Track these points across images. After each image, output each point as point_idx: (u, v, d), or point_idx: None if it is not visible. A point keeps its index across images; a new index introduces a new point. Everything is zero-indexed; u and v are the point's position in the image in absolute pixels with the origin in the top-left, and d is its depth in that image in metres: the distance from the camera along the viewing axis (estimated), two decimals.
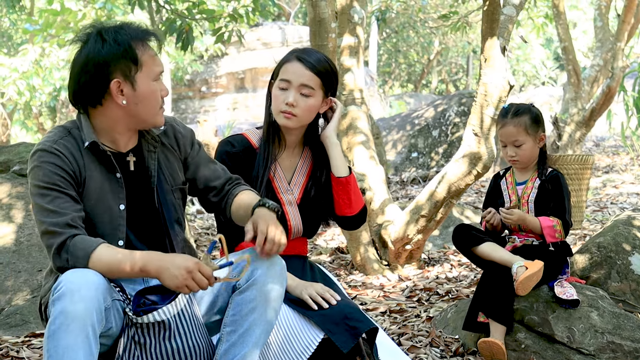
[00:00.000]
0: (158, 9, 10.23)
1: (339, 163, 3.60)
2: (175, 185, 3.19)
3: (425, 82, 35.50)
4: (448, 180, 5.97)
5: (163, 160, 3.17)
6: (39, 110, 23.30)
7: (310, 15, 5.99)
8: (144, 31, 3.01)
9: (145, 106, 2.99)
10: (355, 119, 6.77)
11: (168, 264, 2.73)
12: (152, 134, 3.14)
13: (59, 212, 2.83)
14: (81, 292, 2.62)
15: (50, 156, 2.90)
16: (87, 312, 2.62)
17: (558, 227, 4.32)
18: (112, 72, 2.92)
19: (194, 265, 2.72)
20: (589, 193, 10.22)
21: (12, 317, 4.88)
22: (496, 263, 4.23)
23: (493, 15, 5.53)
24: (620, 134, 11.60)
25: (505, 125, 4.38)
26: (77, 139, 2.99)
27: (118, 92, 2.94)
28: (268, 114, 3.61)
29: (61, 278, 2.70)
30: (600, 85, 12.04)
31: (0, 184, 5.57)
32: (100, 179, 2.99)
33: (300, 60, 3.50)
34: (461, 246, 4.42)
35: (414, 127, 13.61)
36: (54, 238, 2.81)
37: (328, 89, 3.55)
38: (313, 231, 3.73)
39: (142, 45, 2.97)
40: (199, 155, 3.29)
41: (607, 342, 4.11)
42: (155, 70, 3.00)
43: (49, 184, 2.87)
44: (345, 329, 3.15)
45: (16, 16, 22.17)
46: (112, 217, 3.00)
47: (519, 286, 4.08)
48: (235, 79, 24.30)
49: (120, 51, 2.91)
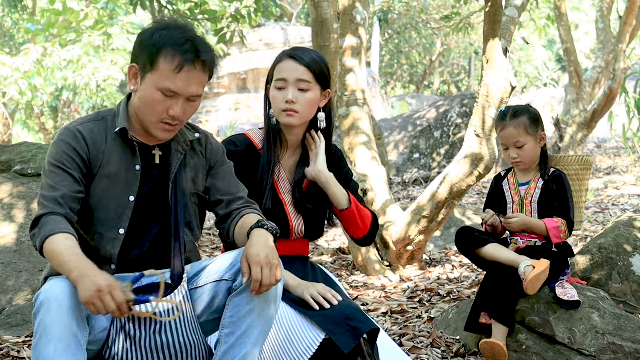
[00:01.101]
0: (160, 9, 10.23)
1: (338, 196, 3.58)
2: (194, 189, 3.18)
3: (427, 83, 35.50)
4: (449, 181, 5.97)
5: (189, 162, 3.17)
6: (41, 110, 23.29)
7: (313, 16, 5.99)
8: (192, 51, 2.94)
9: (142, 106, 2.99)
10: (357, 120, 6.78)
11: (88, 276, 2.62)
12: (186, 137, 3.16)
13: (54, 187, 2.89)
14: (58, 301, 2.63)
15: (69, 135, 2.98)
16: (65, 322, 2.62)
17: (563, 227, 4.32)
18: (137, 56, 2.98)
19: (107, 287, 2.59)
20: (589, 194, 10.24)
21: (12, 316, 4.88)
22: (499, 264, 4.23)
23: (495, 16, 5.54)
24: (622, 136, 11.59)
25: (505, 127, 4.38)
26: (108, 125, 3.05)
27: (133, 75, 3.00)
28: (267, 117, 3.61)
29: (41, 289, 2.72)
30: (602, 86, 12.05)
31: (2, 184, 5.58)
32: (118, 167, 3.02)
33: (292, 57, 3.51)
34: (464, 248, 4.42)
35: (416, 127, 13.62)
36: (39, 209, 2.87)
37: (323, 81, 3.55)
38: (315, 233, 3.72)
39: (174, 56, 2.91)
40: (222, 168, 3.25)
41: (607, 343, 4.11)
42: (166, 84, 2.93)
43: (56, 161, 2.94)
44: (347, 329, 3.15)
45: (18, 16, 22.17)
46: (118, 206, 3.01)
47: (528, 285, 4.08)
48: (237, 79, 24.30)
49: (150, 44, 2.94)
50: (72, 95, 18.85)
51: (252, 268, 2.82)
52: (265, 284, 2.83)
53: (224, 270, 3.01)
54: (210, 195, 3.24)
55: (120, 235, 3.01)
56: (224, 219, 3.24)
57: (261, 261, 2.82)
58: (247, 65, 23.86)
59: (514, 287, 4.18)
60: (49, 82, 16.84)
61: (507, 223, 4.37)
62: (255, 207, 3.25)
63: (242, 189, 3.28)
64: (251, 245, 2.87)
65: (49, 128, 24.06)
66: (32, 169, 5.69)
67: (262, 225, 2.97)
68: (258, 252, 2.84)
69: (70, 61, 16.64)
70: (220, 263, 3.04)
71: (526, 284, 4.08)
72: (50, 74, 16.77)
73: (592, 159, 4.83)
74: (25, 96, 17.00)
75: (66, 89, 17.37)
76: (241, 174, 3.47)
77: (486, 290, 4.28)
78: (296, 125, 3.56)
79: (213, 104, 24.47)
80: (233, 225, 3.18)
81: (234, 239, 3.19)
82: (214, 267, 3.05)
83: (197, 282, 3.09)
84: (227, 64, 24.32)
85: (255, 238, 2.91)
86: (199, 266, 3.13)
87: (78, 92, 18.86)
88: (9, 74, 16.40)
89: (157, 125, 3.01)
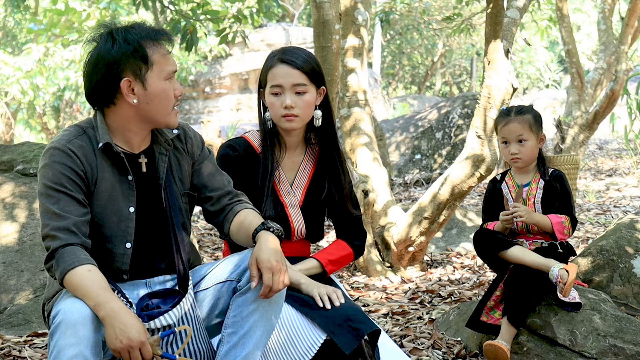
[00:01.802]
0: (162, 9, 10.25)
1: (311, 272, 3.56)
2: (184, 189, 3.19)
3: (429, 84, 35.48)
4: (451, 182, 5.97)
5: (174, 163, 3.16)
6: (43, 110, 23.30)
7: (314, 17, 5.99)
8: (155, 30, 3.01)
9: (157, 105, 2.98)
10: (358, 121, 6.78)
11: (118, 321, 2.64)
12: (166, 137, 3.14)
13: (61, 216, 2.83)
14: (75, 327, 2.63)
15: (63, 155, 2.91)
16: (79, 349, 2.61)
17: (566, 224, 4.31)
18: (123, 70, 2.92)
19: (138, 342, 2.63)
20: (590, 196, 10.24)
21: (14, 316, 4.89)
22: (522, 266, 4.21)
23: (497, 17, 5.54)
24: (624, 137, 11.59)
25: (509, 122, 4.37)
26: (91, 139, 2.99)
27: (129, 91, 2.94)
28: (263, 122, 3.61)
29: (60, 306, 2.71)
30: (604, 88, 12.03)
31: (4, 184, 5.58)
32: (111, 181, 3.00)
33: (284, 62, 3.50)
34: (485, 250, 4.37)
35: (418, 129, 13.61)
36: (51, 241, 2.81)
37: (317, 80, 3.55)
38: (317, 234, 3.73)
39: (153, 44, 2.97)
40: (206, 162, 3.25)
41: (609, 346, 4.10)
42: (167, 69, 2.99)
43: (56, 184, 2.87)
44: (348, 330, 3.15)
45: (20, 16, 22.18)
46: (120, 219, 3.00)
47: (567, 289, 4.07)
48: (239, 80, 24.30)
49: (130, 50, 2.92)
50: (74, 95, 18.85)
51: (264, 274, 2.85)
52: (275, 290, 2.87)
53: (229, 272, 3.02)
54: (198, 193, 3.25)
55: (127, 250, 3.01)
56: (215, 215, 3.25)
57: (273, 267, 2.85)
58: (249, 66, 23.86)
59: (538, 291, 4.18)
60: (51, 82, 16.85)
61: (515, 212, 4.32)
62: (246, 200, 3.27)
63: (227, 180, 3.28)
64: (261, 250, 2.89)
65: (51, 128, 24.08)
66: (34, 169, 5.69)
67: (268, 228, 2.99)
68: (269, 258, 2.86)
69: (72, 61, 16.65)
70: (225, 266, 3.05)
71: (566, 288, 4.06)
72: (52, 74, 16.78)
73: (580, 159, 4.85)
74: (27, 96, 17.02)
75: (68, 89, 17.38)
76: (241, 178, 3.48)
77: (509, 293, 4.23)
78: (297, 129, 3.57)
79: (215, 105, 24.48)
80: (228, 222, 3.19)
81: (229, 235, 3.21)
82: (219, 270, 3.06)
83: (201, 285, 3.10)
84: (229, 65, 24.33)
85: (264, 242, 2.92)
86: (202, 270, 3.14)
87: (80, 92, 18.87)
88: (11, 73, 16.41)
89: (171, 113, 3.05)
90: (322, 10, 5.87)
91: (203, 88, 24.62)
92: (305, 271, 3.52)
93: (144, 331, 2.67)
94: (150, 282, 3.10)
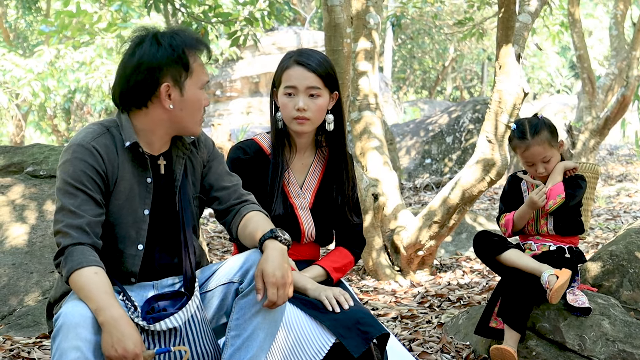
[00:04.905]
0: (174, 12, 10.24)
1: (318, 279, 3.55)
2: (195, 192, 3.19)
3: (440, 89, 35.49)
4: (461, 187, 5.97)
5: (189, 167, 3.17)
6: (54, 112, 23.39)
7: (326, 20, 5.99)
8: (197, 40, 3.03)
9: (189, 113, 3.00)
10: (369, 124, 6.78)
11: (116, 329, 2.64)
12: (184, 141, 3.14)
13: (77, 214, 2.83)
14: (77, 330, 2.64)
15: (86, 153, 2.90)
16: (81, 352, 2.62)
17: (559, 199, 4.28)
18: (164, 75, 2.93)
19: (132, 354, 2.63)
20: (600, 201, 10.22)
21: (23, 318, 4.89)
22: (518, 270, 4.22)
23: (508, 22, 5.54)
24: (635, 143, 11.58)
25: (529, 147, 4.35)
26: (115, 138, 2.99)
27: (166, 96, 2.95)
28: (274, 122, 3.61)
29: (62, 309, 2.72)
30: (615, 93, 12.03)
31: (14, 185, 5.59)
32: (130, 182, 3.00)
33: (300, 64, 3.50)
34: (483, 253, 4.40)
35: (428, 133, 13.62)
36: (63, 238, 2.82)
37: (332, 85, 3.54)
38: (326, 238, 3.73)
39: (194, 53, 2.99)
40: (214, 163, 3.26)
41: (618, 351, 4.10)
42: (203, 79, 3.02)
43: (76, 181, 2.87)
44: (357, 333, 3.15)
45: (32, 17, 22.27)
46: (135, 221, 3.01)
47: (553, 295, 4.06)
48: (249, 83, 24.34)
49: (175, 56, 2.93)
50: (84, 98, 18.91)
51: (268, 289, 2.85)
52: (279, 304, 2.88)
53: (232, 273, 3.02)
54: (206, 193, 3.25)
55: (139, 252, 3.01)
56: (223, 215, 3.26)
57: (277, 282, 2.85)
58: (260, 69, 23.90)
59: (532, 294, 4.18)
60: (62, 84, 16.87)
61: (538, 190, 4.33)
62: (252, 201, 3.26)
63: (235, 180, 3.29)
64: (267, 262, 2.88)
65: (61, 130, 24.16)
66: (44, 171, 5.70)
67: (276, 237, 2.97)
68: (274, 272, 2.86)
69: (83, 63, 16.66)
70: (229, 266, 3.05)
71: (552, 294, 4.06)
72: (63, 76, 16.80)
73: (600, 169, 4.84)
74: (38, 98, 17.05)
75: (79, 91, 17.40)
76: (252, 180, 3.48)
77: (503, 296, 4.26)
78: (308, 132, 3.56)
79: (226, 108, 24.53)
80: (235, 224, 3.19)
81: (237, 237, 3.21)
82: (224, 271, 3.06)
83: (207, 286, 3.10)
84: (240, 68, 24.37)
85: (271, 252, 2.92)
86: (208, 271, 3.14)
87: (91, 94, 18.92)
88: (22, 75, 16.44)
89: (199, 121, 3.07)
90: (333, 13, 5.87)
91: (214, 91, 24.66)
92: (311, 279, 3.51)
93: (140, 344, 2.67)
94: (158, 285, 3.10)
